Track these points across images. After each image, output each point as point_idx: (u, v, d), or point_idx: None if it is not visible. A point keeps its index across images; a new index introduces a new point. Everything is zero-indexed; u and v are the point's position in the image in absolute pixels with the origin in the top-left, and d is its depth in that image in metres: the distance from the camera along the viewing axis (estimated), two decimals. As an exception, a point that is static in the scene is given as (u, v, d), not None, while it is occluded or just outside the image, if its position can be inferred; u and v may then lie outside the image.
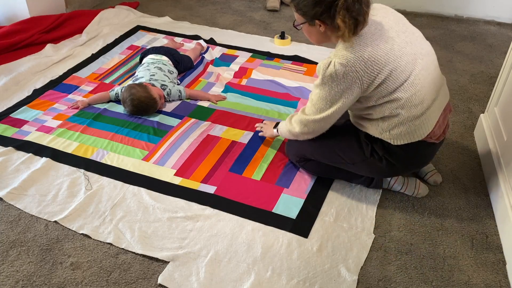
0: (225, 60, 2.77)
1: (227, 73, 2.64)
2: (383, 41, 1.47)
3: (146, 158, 1.99)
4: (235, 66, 2.70)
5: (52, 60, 2.71)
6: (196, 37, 3.01)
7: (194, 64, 2.68)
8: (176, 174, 1.91)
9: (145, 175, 1.90)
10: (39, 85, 2.49)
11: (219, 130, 2.16)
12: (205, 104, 2.36)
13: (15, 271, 1.53)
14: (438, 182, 1.88)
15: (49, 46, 2.83)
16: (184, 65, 2.59)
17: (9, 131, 2.14)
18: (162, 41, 2.97)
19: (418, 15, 3.47)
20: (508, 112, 1.85)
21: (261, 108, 2.33)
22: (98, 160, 1.97)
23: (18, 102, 2.35)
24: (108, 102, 2.35)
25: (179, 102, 2.36)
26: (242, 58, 2.79)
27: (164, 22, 3.27)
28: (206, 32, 3.12)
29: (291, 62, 2.76)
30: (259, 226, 1.68)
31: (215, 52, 2.86)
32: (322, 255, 1.58)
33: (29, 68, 2.59)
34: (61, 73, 2.60)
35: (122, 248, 1.60)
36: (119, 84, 2.51)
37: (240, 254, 1.58)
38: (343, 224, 1.70)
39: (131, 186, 1.85)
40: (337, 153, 1.73)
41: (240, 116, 2.26)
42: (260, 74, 2.62)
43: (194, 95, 2.39)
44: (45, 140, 2.07)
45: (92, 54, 2.80)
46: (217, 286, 1.48)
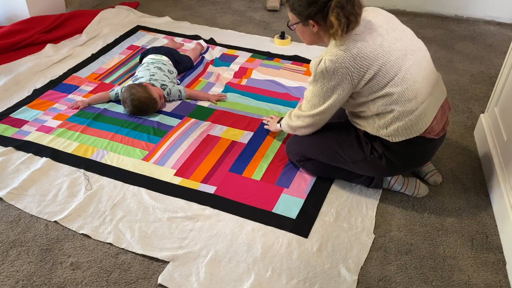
0: (225, 60, 2.77)
1: (227, 73, 2.64)
2: (373, 37, 1.52)
3: (146, 158, 1.99)
4: (235, 66, 2.70)
5: (52, 60, 2.71)
6: (196, 37, 3.01)
7: (194, 64, 2.68)
8: (176, 174, 1.91)
9: (145, 175, 1.90)
10: (39, 85, 2.49)
11: (219, 130, 2.16)
12: (205, 104, 2.36)
13: (15, 271, 1.53)
14: (438, 182, 1.88)
15: (49, 46, 2.83)
16: (184, 65, 2.59)
17: (9, 131, 2.14)
18: (162, 41, 2.97)
19: (418, 15, 3.47)
20: (508, 112, 1.85)
21: (261, 108, 2.33)
22: (98, 160, 1.97)
23: (18, 102, 2.35)
24: (108, 102, 2.35)
25: (179, 102, 2.36)
26: (242, 58, 2.79)
27: (164, 22, 3.27)
28: (206, 32, 3.12)
29: (291, 62, 2.76)
30: (259, 226, 1.68)
31: (215, 52, 2.86)
32: (322, 255, 1.58)
33: (29, 68, 2.59)
34: (61, 73, 2.60)
35: (122, 248, 1.60)
36: (119, 84, 2.51)
37: (240, 254, 1.58)
38: (343, 224, 1.70)
39: (131, 186, 1.85)
40: (337, 152, 1.74)
41: (240, 116, 2.26)
42: (260, 74, 2.62)
43: (194, 95, 2.39)
44: (45, 140, 2.07)
45: (92, 54, 2.80)
46: (217, 286, 1.48)
